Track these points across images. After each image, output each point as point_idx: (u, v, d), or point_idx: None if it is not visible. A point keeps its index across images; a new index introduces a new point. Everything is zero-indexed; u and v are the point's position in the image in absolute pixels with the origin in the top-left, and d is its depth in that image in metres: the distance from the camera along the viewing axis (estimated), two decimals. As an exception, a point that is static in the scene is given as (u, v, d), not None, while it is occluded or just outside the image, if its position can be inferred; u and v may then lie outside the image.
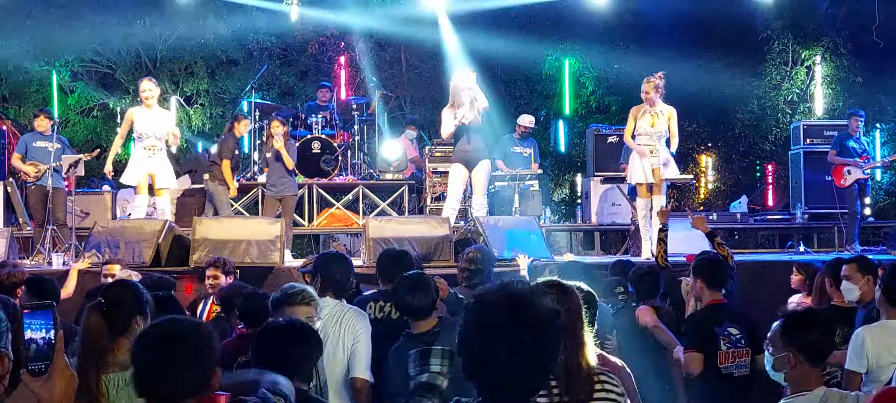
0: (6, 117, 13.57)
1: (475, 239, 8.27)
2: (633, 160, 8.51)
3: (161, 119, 8.98)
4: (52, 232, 8.90)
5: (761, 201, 14.68)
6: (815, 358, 3.08)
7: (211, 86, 15.24)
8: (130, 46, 15.14)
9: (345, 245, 13.89)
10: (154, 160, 8.86)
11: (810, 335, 3.10)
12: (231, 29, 15.03)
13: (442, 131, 8.72)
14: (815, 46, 15.05)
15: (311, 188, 11.07)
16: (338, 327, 4.16)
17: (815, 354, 3.08)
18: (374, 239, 7.91)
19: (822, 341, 3.12)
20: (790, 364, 3.09)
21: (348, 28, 15.16)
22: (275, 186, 9.54)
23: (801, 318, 3.24)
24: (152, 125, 8.83)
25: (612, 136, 12.17)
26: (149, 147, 8.81)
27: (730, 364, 4.71)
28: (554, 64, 15.92)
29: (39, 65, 14.64)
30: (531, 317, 1.97)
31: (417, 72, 16.45)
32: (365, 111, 12.15)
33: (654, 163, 8.29)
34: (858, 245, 9.91)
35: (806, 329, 3.13)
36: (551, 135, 16.55)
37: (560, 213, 16.03)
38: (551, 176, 16.22)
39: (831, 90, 15.10)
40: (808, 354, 3.06)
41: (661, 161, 8.32)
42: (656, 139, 8.34)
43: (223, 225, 8.21)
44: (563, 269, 5.67)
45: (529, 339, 1.94)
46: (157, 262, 7.81)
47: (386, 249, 5.80)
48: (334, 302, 4.29)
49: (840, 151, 10.28)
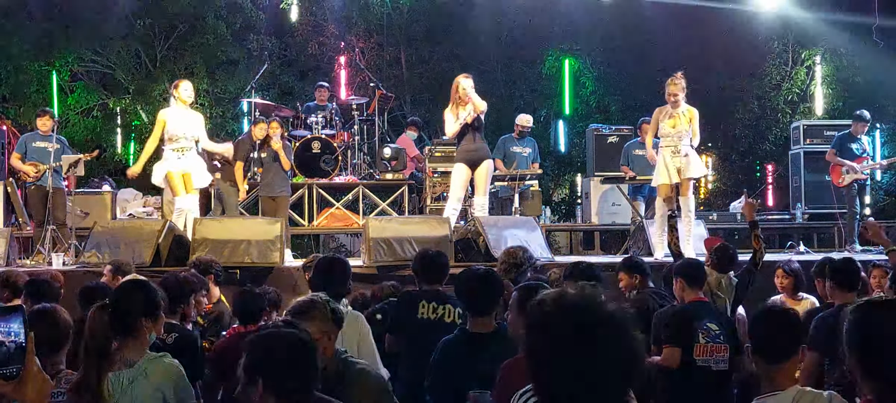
0: (6, 117, 13.57)
1: (475, 239, 8.28)
2: (658, 160, 8.52)
3: (195, 120, 8.85)
4: (51, 232, 8.90)
5: (761, 201, 14.68)
6: (770, 357, 3.02)
7: (211, 86, 15.24)
8: (130, 46, 15.15)
9: (344, 246, 13.92)
10: (185, 160, 8.69)
11: (762, 333, 3.09)
12: (231, 29, 15.05)
13: (446, 131, 8.71)
14: (815, 46, 15.06)
15: (311, 188, 11.06)
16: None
17: (769, 353, 3.03)
18: (374, 239, 7.91)
19: (775, 339, 3.05)
20: (751, 360, 3.11)
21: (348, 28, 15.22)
22: (270, 186, 9.51)
23: (759, 315, 3.28)
24: (185, 126, 8.70)
25: (612, 136, 12.17)
26: (182, 147, 8.66)
27: (707, 357, 4.74)
28: (554, 64, 15.93)
29: (39, 65, 14.64)
30: (621, 323, 1.80)
31: (418, 72, 16.47)
32: (365, 111, 12.14)
33: (678, 163, 8.32)
34: (858, 244, 9.90)
35: (760, 326, 3.13)
36: (551, 135, 16.56)
37: (560, 213, 16.04)
38: (551, 176, 16.23)
39: (831, 90, 15.11)
40: (761, 352, 3.04)
41: (686, 161, 8.36)
42: (678, 139, 8.37)
43: (223, 225, 8.20)
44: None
45: (627, 340, 1.78)
46: (157, 262, 7.81)
47: (423, 250, 5.58)
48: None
49: (840, 151, 10.28)
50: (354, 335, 4.20)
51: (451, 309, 4.72)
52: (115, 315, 3.17)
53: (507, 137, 11.42)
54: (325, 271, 4.51)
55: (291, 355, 2.68)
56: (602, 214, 11.63)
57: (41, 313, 3.47)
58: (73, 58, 14.81)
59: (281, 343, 2.71)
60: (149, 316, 3.34)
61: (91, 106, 15.29)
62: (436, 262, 5.03)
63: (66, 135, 12.14)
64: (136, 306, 3.31)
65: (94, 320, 3.11)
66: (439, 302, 4.77)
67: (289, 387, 2.66)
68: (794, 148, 12.54)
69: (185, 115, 8.75)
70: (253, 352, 2.71)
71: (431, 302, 4.78)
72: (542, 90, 16.33)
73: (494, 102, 15.96)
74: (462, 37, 16.30)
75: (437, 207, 10.57)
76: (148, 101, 14.78)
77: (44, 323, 3.32)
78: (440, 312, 4.74)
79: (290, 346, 2.70)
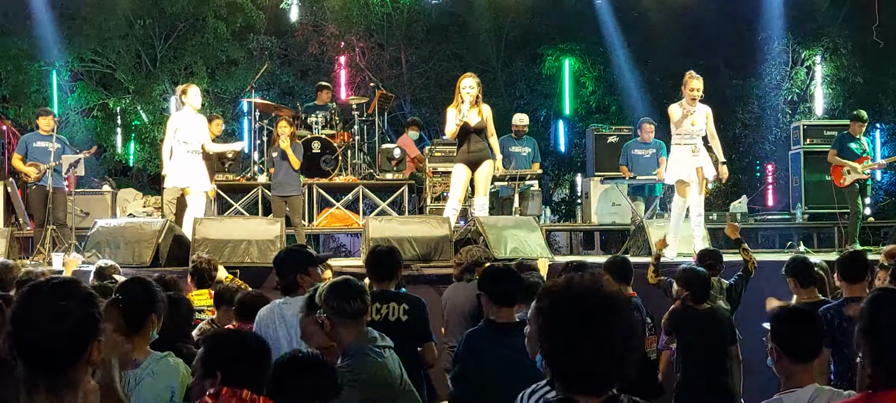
0: (6, 117, 13.57)
1: (475, 239, 8.27)
2: (677, 158, 8.49)
3: (202, 124, 9.15)
4: (52, 232, 8.90)
5: (761, 201, 14.68)
6: (796, 355, 3.07)
7: (211, 86, 15.24)
8: (130, 46, 15.15)
9: (344, 246, 13.92)
10: (195, 162, 9.01)
11: (788, 331, 3.12)
12: (231, 29, 15.04)
13: (446, 130, 8.69)
14: (815, 46, 15.07)
15: (311, 188, 11.06)
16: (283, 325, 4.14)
17: (795, 351, 3.07)
18: (374, 239, 7.91)
19: (801, 338, 3.10)
20: (773, 357, 3.13)
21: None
22: (281, 186, 9.51)
23: (784, 313, 3.31)
24: (194, 130, 8.96)
25: (612, 136, 12.17)
26: (192, 150, 8.93)
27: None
28: (554, 64, 15.93)
29: (39, 65, 14.64)
30: (623, 306, 1.99)
31: (418, 72, 16.47)
32: (365, 111, 12.14)
33: (697, 162, 8.34)
34: (858, 244, 9.90)
35: (785, 324, 3.15)
36: (551, 135, 16.57)
37: (560, 213, 16.05)
38: (551, 176, 16.24)
39: (831, 90, 15.11)
40: (786, 350, 3.07)
41: (705, 159, 8.41)
42: (698, 137, 8.40)
43: (223, 225, 8.20)
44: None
45: (625, 328, 1.96)
46: (157, 262, 7.81)
47: (371, 248, 5.50)
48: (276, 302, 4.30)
49: (840, 152, 10.27)
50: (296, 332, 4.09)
51: (395, 306, 4.67)
52: (126, 311, 3.14)
53: (506, 138, 11.42)
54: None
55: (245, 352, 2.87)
56: (602, 214, 11.63)
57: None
58: (73, 58, 14.81)
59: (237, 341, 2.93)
60: (155, 312, 3.36)
61: (91, 106, 15.29)
62: (382, 261, 4.92)
63: (66, 135, 12.12)
64: (145, 303, 3.32)
65: (107, 317, 3.10)
66: (383, 300, 4.68)
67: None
68: (794, 148, 12.53)
69: (195, 121, 8.99)
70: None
71: (374, 302, 4.59)
72: (542, 90, 16.33)
73: (494, 102, 15.98)
74: (462, 37, 16.30)
75: (437, 207, 10.57)
76: (148, 101, 14.78)
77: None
78: (384, 312, 4.66)
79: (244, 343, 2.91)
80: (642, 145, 11.10)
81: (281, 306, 4.19)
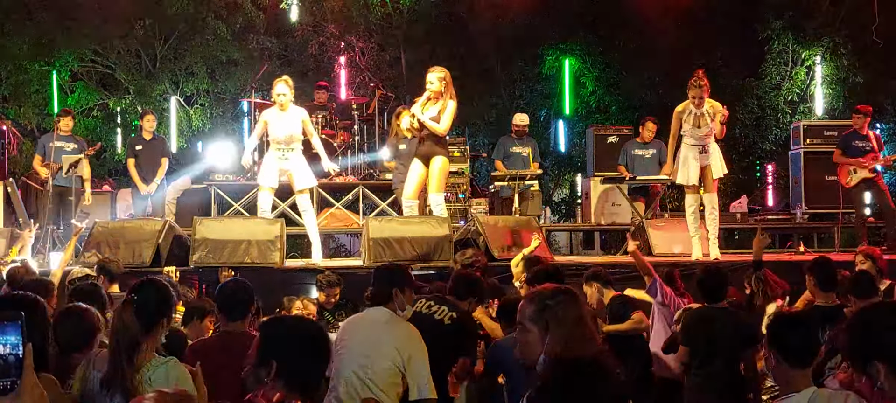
0: (6, 117, 13.57)
1: (475, 239, 8.27)
2: (684, 159, 8.53)
3: (295, 119, 8.50)
4: (52, 232, 8.92)
5: (761, 201, 14.67)
6: (794, 361, 3.06)
7: (211, 86, 15.24)
8: (130, 46, 15.14)
9: (344, 246, 13.92)
10: (289, 161, 8.45)
11: (787, 337, 3.11)
12: (231, 29, 15.04)
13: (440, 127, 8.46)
14: (815, 46, 15.06)
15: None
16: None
17: (794, 356, 3.06)
18: (374, 239, 7.91)
19: (800, 344, 3.09)
20: (771, 363, 3.12)
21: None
22: None
23: (782, 319, 3.32)
24: (285, 126, 8.39)
25: (612, 136, 12.17)
26: (282, 148, 8.39)
27: None
28: (554, 64, 15.93)
29: (39, 65, 14.64)
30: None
31: (418, 73, 16.46)
32: (365, 111, 12.14)
33: (704, 161, 8.45)
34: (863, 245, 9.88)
35: (784, 330, 3.15)
36: (551, 135, 16.56)
37: (560, 213, 16.05)
38: (551, 176, 16.24)
39: (831, 90, 15.11)
40: (785, 355, 3.06)
41: (712, 159, 8.51)
42: (705, 139, 8.45)
43: (223, 225, 8.21)
44: None
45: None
46: (157, 262, 7.81)
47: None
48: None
49: (845, 151, 10.22)
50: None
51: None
52: (139, 312, 3.16)
53: (506, 138, 11.42)
54: None
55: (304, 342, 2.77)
56: (602, 214, 11.62)
57: (68, 312, 3.55)
58: (73, 58, 14.81)
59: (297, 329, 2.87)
60: (166, 315, 3.36)
61: (91, 106, 15.29)
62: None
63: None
64: (160, 304, 3.32)
65: (122, 317, 3.12)
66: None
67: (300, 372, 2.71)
68: (794, 148, 12.52)
69: (286, 116, 8.41)
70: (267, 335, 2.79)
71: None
72: (542, 90, 16.33)
73: (494, 102, 16.00)
74: (462, 37, 16.30)
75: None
76: (148, 102, 14.77)
77: (70, 322, 3.41)
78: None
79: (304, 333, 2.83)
80: (642, 145, 11.10)
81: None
